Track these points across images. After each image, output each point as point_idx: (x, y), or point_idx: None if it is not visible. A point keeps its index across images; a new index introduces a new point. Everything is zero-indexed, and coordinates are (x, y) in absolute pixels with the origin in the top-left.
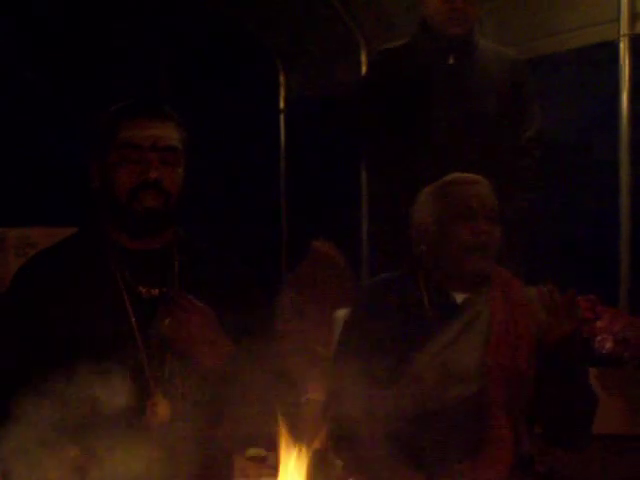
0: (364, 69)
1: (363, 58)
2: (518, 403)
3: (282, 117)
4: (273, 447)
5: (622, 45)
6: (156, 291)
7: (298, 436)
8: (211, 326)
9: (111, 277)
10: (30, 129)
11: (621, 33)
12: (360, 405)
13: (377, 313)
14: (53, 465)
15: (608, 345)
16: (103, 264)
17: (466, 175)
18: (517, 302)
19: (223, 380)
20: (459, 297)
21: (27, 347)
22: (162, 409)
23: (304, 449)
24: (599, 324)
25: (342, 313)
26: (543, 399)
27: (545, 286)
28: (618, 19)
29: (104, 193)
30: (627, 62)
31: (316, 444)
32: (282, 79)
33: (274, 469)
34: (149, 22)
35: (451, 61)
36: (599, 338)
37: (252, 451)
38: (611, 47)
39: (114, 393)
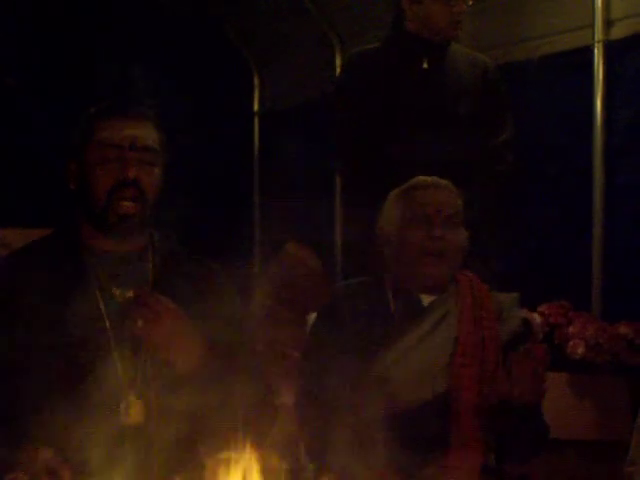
0: (338, 71)
1: (337, 61)
2: (487, 404)
3: (256, 119)
4: (244, 450)
5: (596, 51)
6: (130, 293)
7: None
8: (184, 328)
9: (85, 279)
10: (3, 129)
11: (595, 39)
12: (329, 408)
13: (343, 316)
14: (25, 466)
15: (580, 350)
16: (77, 265)
17: (428, 179)
18: (484, 304)
19: (196, 382)
20: (426, 299)
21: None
22: (135, 411)
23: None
24: (571, 329)
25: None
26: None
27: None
28: (592, 25)
29: (81, 193)
30: (601, 68)
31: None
32: (256, 81)
33: (245, 471)
34: (125, 23)
35: (425, 65)
36: (571, 343)
37: (223, 454)
38: (585, 53)
39: (87, 395)
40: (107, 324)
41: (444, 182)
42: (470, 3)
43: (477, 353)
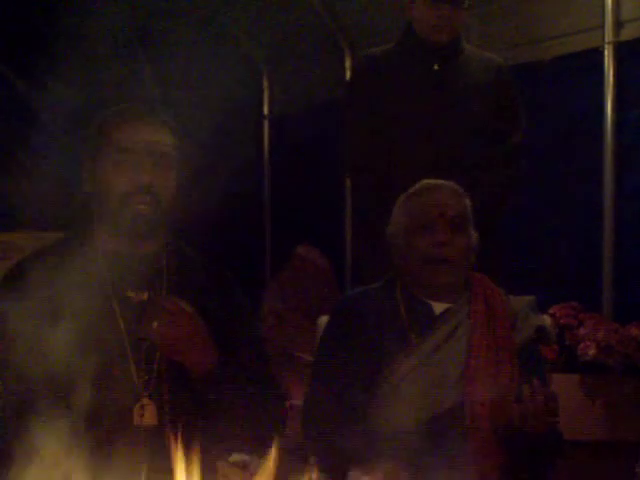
0: (348, 74)
1: (347, 64)
2: (500, 421)
3: (266, 123)
4: (256, 453)
5: (606, 52)
6: (145, 295)
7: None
8: (198, 331)
9: (100, 281)
10: (13, 133)
11: (605, 40)
12: (337, 418)
13: (354, 325)
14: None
15: (591, 352)
16: (92, 268)
17: (432, 182)
18: (498, 312)
19: (209, 385)
20: (438, 308)
21: (14, 351)
22: (149, 413)
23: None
24: (582, 331)
25: (325, 319)
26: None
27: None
28: (602, 27)
29: (96, 197)
30: (611, 69)
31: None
32: (266, 85)
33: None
34: (135, 27)
35: (436, 67)
36: (582, 345)
37: (235, 457)
38: (596, 54)
39: (101, 396)
40: (122, 326)
41: (449, 184)
42: (465, 6)
43: (490, 366)
